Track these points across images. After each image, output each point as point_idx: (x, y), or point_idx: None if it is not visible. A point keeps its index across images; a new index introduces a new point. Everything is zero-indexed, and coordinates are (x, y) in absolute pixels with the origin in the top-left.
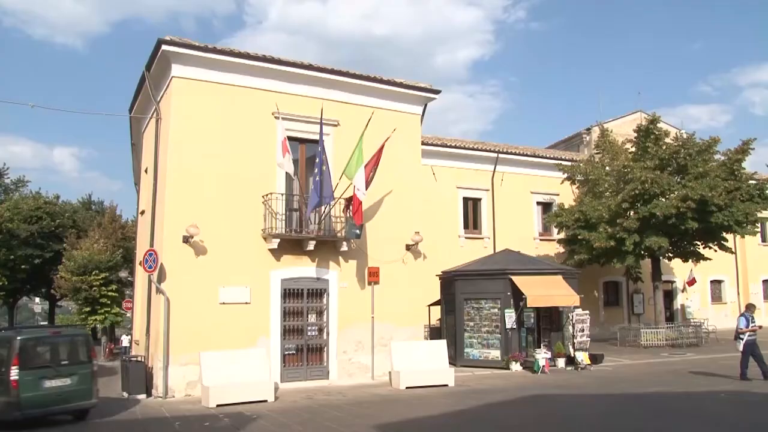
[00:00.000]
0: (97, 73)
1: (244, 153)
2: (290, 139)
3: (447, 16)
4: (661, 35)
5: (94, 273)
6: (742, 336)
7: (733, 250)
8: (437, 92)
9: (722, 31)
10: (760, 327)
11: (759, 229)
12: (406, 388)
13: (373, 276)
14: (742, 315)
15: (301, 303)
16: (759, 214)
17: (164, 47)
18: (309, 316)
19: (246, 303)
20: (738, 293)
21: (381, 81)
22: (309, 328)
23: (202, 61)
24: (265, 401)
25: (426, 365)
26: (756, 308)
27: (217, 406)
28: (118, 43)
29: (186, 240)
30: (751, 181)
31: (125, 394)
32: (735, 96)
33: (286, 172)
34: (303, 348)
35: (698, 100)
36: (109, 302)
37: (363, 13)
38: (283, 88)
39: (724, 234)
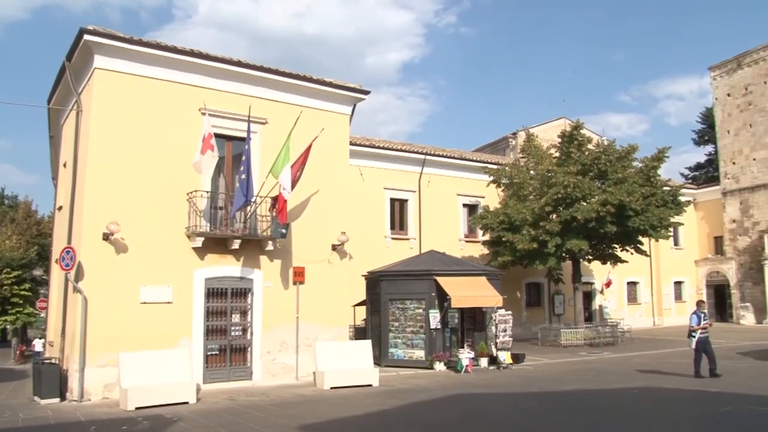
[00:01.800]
0: (13, 62)
1: (169, 149)
2: (217, 136)
3: (379, 18)
4: (585, 45)
5: (5, 271)
6: (694, 334)
7: (648, 253)
8: (366, 93)
9: (643, 43)
10: (711, 324)
11: (672, 234)
12: (331, 388)
13: (299, 276)
14: (693, 313)
15: (225, 303)
16: (672, 219)
17: (86, 37)
18: (233, 316)
19: (168, 302)
20: (652, 294)
21: (310, 80)
22: (233, 328)
23: (127, 53)
24: (187, 403)
25: (351, 365)
26: (705, 304)
27: (136, 408)
28: (37, 31)
29: (106, 237)
30: (665, 188)
31: (37, 399)
32: (652, 106)
33: (215, 168)
34: (226, 348)
35: (618, 109)
36: (21, 302)
37: (295, 12)
38: (211, 84)
39: (640, 238)
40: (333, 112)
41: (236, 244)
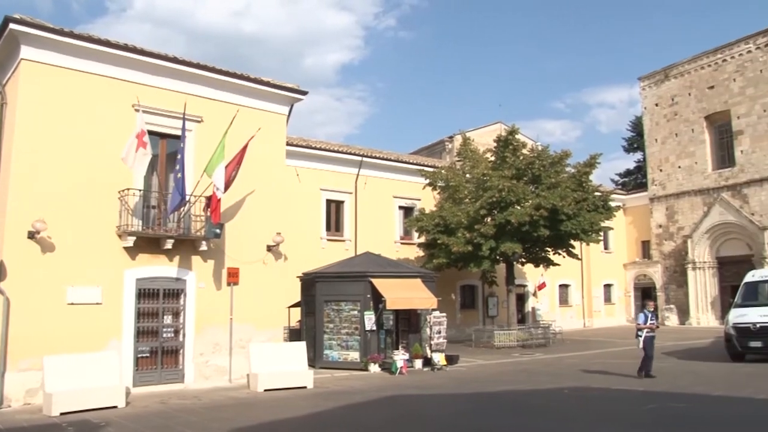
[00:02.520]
0: None
1: (100, 145)
2: (151, 133)
3: (319, 19)
4: (522, 52)
5: None
6: (640, 333)
7: (580, 256)
8: (304, 93)
9: (577, 52)
10: (658, 326)
11: (602, 238)
12: (264, 390)
13: (233, 277)
14: (641, 311)
15: (157, 304)
16: (602, 224)
17: (12, 26)
18: (165, 317)
19: (97, 303)
20: (583, 296)
21: (248, 78)
22: (164, 329)
23: (56, 45)
24: (116, 407)
25: (285, 367)
26: (653, 304)
27: (61, 414)
28: None
29: (31, 236)
30: (596, 193)
31: None
32: (585, 114)
33: (148, 166)
34: (158, 350)
35: (553, 116)
36: None
37: (233, 10)
38: (145, 80)
39: (572, 241)
40: (270, 112)
41: (169, 244)
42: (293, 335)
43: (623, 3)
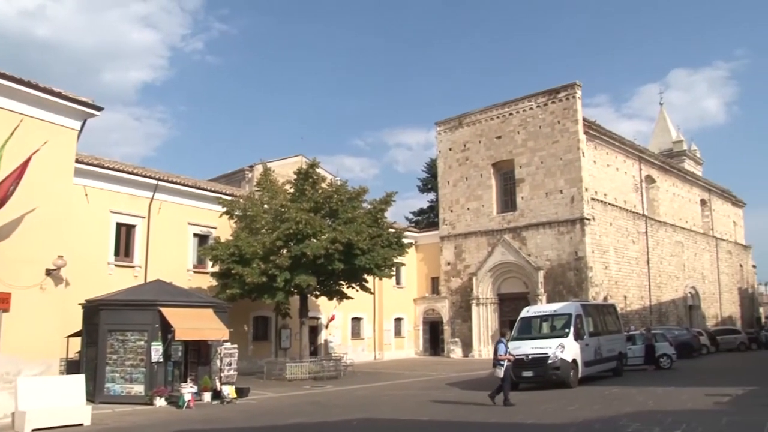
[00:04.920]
0: None
1: None
2: None
3: (121, 33)
4: (327, 88)
5: None
6: (501, 363)
7: (372, 290)
8: (99, 109)
9: (380, 93)
10: (513, 357)
11: (394, 273)
12: (33, 430)
13: (3, 302)
14: (500, 342)
15: None
16: (395, 260)
17: None
18: None
19: None
20: (374, 330)
21: (35, 87)
22: None
23: None
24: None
25: (59, 403)
26: (509, 334)
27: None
28: None
29: None
30: (390, 230)
31: None
32: (383, 153)
33: None
34: None
35: (353, 152)
36: None
37: (24, 10)
38: None
39: (366, 275)
40: (59, 126)
41: None
42: (72, 368)
43: (425, 53)
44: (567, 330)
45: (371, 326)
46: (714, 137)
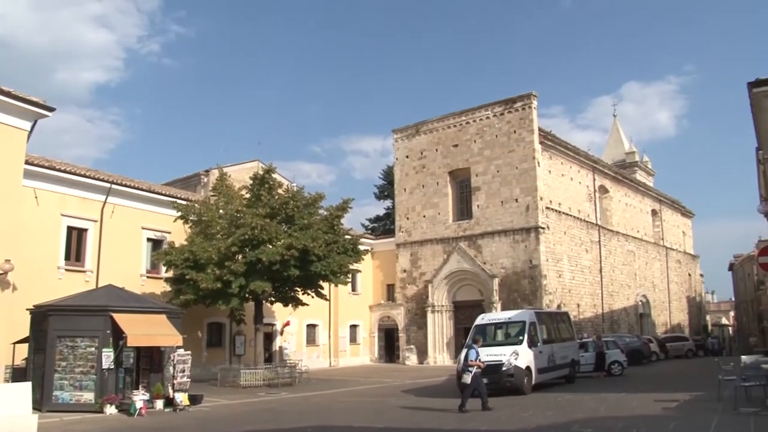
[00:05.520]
0: None
1: None
2: None
3: (76, 33)
4: (285, 93)
5: None
6: (470, 369)
7: (328, 297)
8: (51, 110)
9: (337, 99)
10: (484, 363)
11: (350, 280)
12: None
13: None
14: (471, 348)
15: None
16: (351, 266)
17: None
18: None
19: None
20: (329, 336)
21: None
22: None
23: None
24: None
25: (3, 411)
26: (480, 341)
27: None
28: None
29: None
30: (346, 236)
31: None
32: (340, 159)
33: None
34: None
35: (310, 159)
36: None
37: None
38: None
39: (321, 282)
40: (9, 126)
41: None
42: (18, 375)
43: (383, 59)
44: (521, 337)
45: (326, 333)
46: (665, 149)
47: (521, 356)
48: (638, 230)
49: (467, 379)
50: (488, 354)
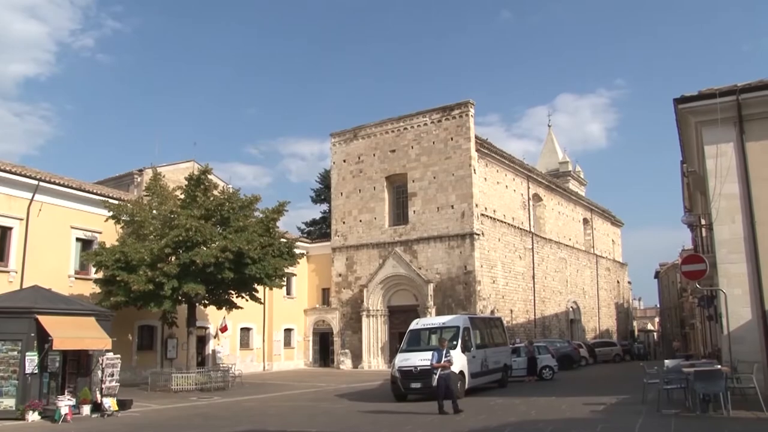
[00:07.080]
0: None
1: None
2: None
3: (4, 22)
4: (220, 94)
5: None
6: (435, 371)
7: (262, 300)
8: None
9: (275, 101)
10: (451, 363)
11: (285, 283)
12: None
13: None
14: (435, 350)
15: None
16: (286, 270)
17: None
18: None
19: None
20: (264, 340)
21: None
22: None
23: None
24: None
25: None
26: (446, 342)
27: None
28: None
29: None
30: (282, 240)
31: None
32: (277, 162)
33: None
34: None
35: (246, 161)
36: None
37: None
38: None
39: (256, 285)
40: None
41: None
42: None
43: (321, 62)
44: (455, 342)
45: (261, 337)
46: (596, 160)
47: (455, 361)
48: (570, 238)
49: (433, 381)
50: (422, 359)
